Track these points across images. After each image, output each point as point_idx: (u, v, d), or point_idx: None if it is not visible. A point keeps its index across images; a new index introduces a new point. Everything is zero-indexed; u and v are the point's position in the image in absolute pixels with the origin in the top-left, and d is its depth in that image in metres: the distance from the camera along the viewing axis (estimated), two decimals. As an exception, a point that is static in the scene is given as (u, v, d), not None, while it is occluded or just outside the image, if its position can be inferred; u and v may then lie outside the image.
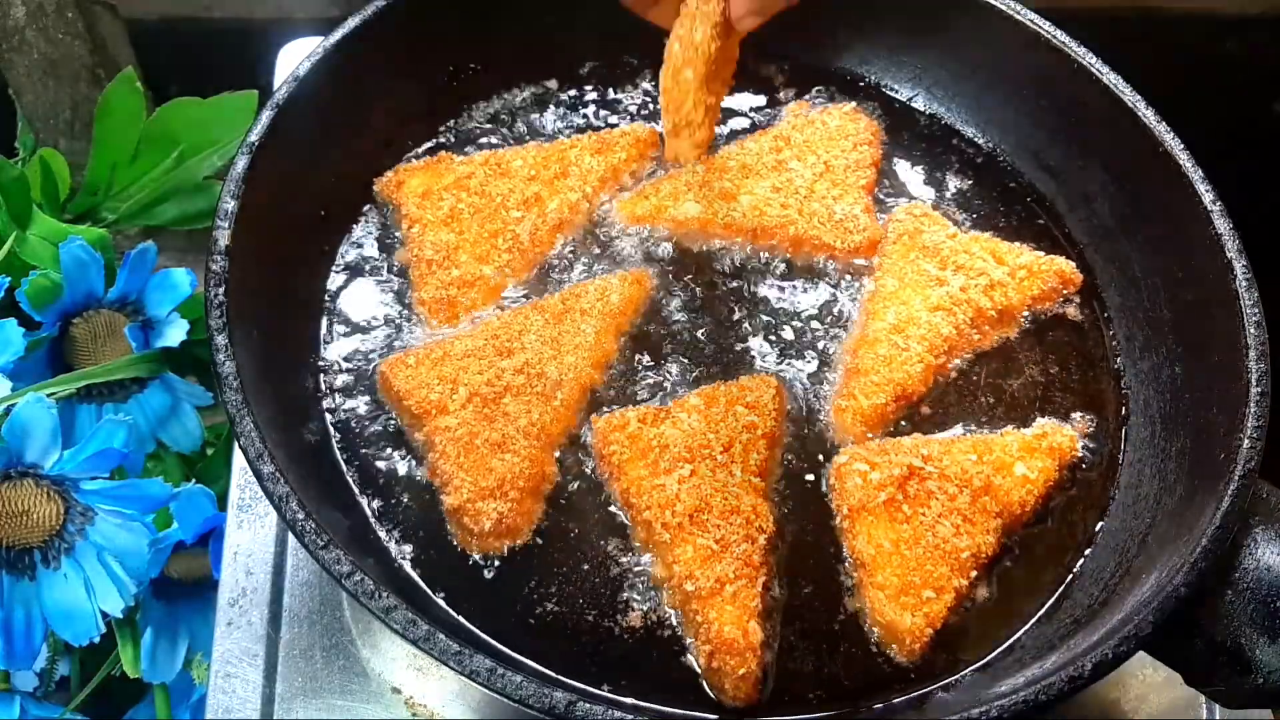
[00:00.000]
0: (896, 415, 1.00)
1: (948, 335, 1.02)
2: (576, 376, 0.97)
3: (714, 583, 0.86)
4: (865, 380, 0.99)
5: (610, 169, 1.10)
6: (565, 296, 1.01)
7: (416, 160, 1.11)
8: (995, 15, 1.13)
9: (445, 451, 0.92)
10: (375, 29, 1.06)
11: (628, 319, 1.02)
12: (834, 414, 0.99)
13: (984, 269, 1.05)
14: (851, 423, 0.98)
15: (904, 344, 1.01)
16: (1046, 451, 0.97)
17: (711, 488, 0.90)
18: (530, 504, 0.91)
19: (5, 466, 1.01)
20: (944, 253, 1.07)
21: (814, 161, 1.11)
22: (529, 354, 0.97)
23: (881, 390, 0.98)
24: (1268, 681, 0.81)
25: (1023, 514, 0.94)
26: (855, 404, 0.98)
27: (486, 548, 0.90)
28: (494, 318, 1.01)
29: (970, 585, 0.90)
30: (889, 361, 1.00)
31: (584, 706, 0.73)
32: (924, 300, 1.04)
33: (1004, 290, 1.05)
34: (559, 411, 0.95)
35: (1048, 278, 1.07)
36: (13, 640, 1.02)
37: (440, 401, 0.94)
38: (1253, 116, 1.97)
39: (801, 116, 1.17)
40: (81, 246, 1.11)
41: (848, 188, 1.11)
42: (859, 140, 1.14)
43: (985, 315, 1.04)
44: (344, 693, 1.00)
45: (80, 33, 1.49)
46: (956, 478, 0.93)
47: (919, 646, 0.87)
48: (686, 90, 0.99)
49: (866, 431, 0.98)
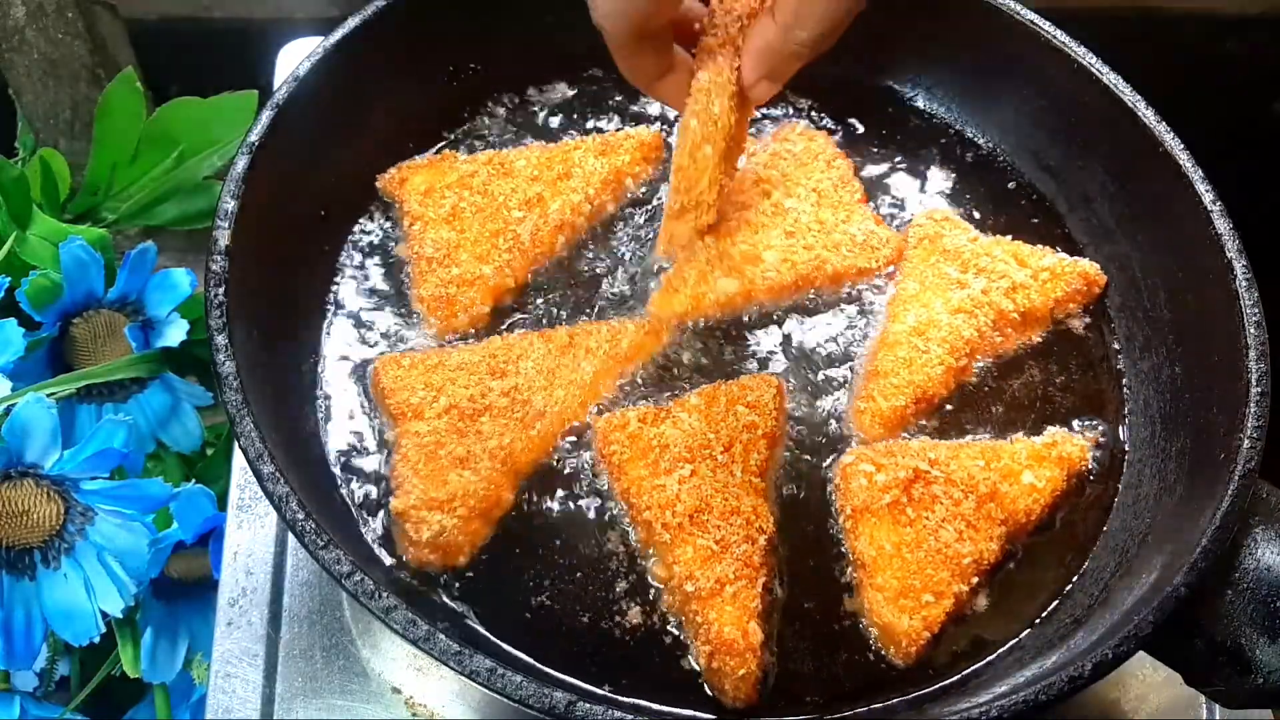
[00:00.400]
0: (916, 417, 0.99)
1: (969, 338, 1.01)
2: (561, 411, 0.95)
3: (714, 583, 0.86)
4: (885, 382, 0.99)
5: (614, 172, 1.10)
6: (574, 331, 1.00)
7: (418, 158, 1.11)
8: (995, 15, 1.13)
9: (407, 455, 0.91)
10: (375, 29, 1.06)
11: (631, 366, 1.00)
12: (853, 415, 0.99)
13: (1006, 271, 1.05)
14: (870, 424, 0.98)
15: (924, 346, 1.00)
16: (1056, 461, 0.96)
17: (712, 488, 0.90)
18: (477, 526, 0.89)
19: (5, 466, 1.01)
20: (965, 256, 1.06)
21: (805, 194, 1.09)
22: (520, 379, 0.96)
23: (901, 393, 0.98)
24: (1268, 681, 0.81)
25: (1028, 522, 0.93)
26: (874, 406, 0.98)
27: (421, 559, 0.88)
28: (499, 337, 1.00)
29: (971, 592, 0.90)
30: (909, 364, 0.99)
31: (584, 706, 0.73)
32: (945, 303, 1.03)
33: (1026, 293, 1.04)
34: (533, 441, 0.93)
35: (1071, 279, 1.06)
36: (13, 640, 1.02)
37: (418, 406, 0.93)
38: (1253, 116, 1.97)
39: (761, 152, 1.13)
40: (81, 246, 1.11)
41: (848, 207, 1.09)
42: (827, 157, 1.13)
43: (1008, 318, 1.03)
44: (344, 693, 1.00)
45: (80, 33, 1.48)
46: (963, 483, 0.93)
47: (915, 650, 0.87)
48: (704, 168, 0.95)
49: (885, 433, 0.97)
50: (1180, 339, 1.00)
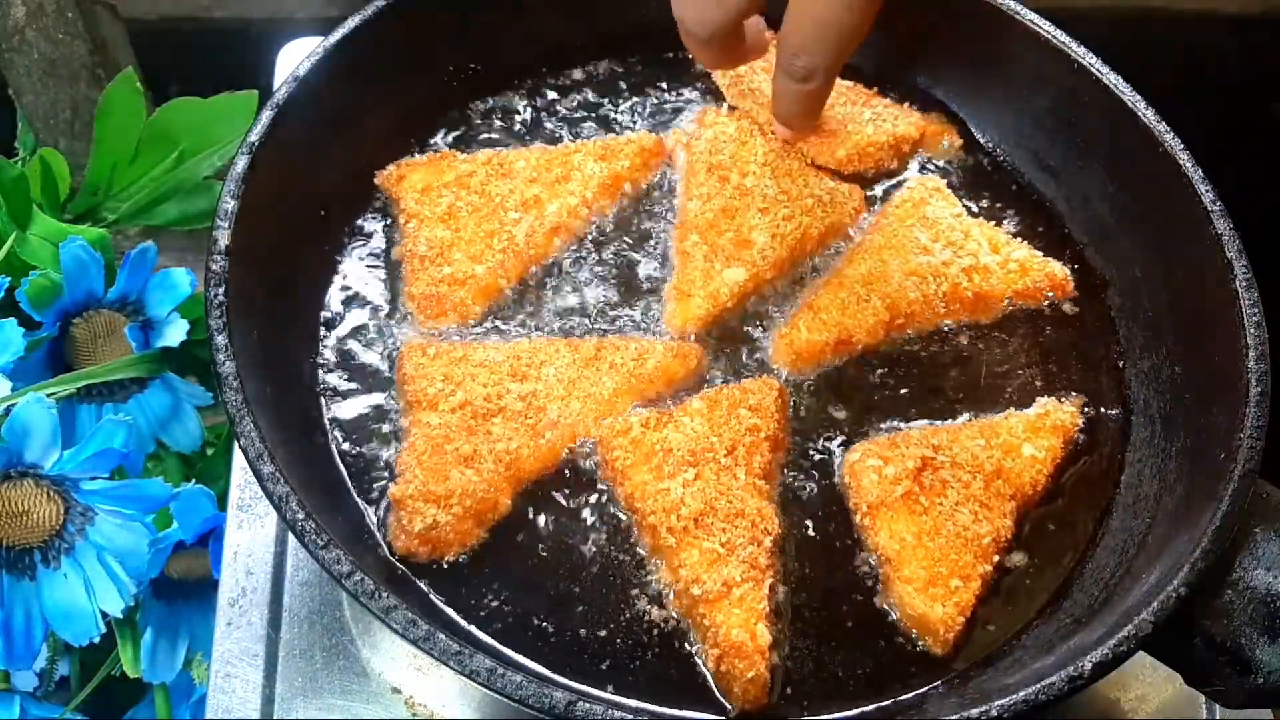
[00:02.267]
0: (832, 359, 1.01)
1: (913, 299, 1.03)
2: (573, 424, 0.94)
3: (720, 586, 0.86)
4: (814, 317, 1.01)
5: (613, 176, 1.09)
6: (602, 344, 0.98)
7: (417, 156, 1.11)
8: (995, 15, 1.13)
9: (414, 444, 0.92)
10: (375, 29, 1.06)
11: (655, 389, 0.98)
12: (774, 340, 1.01)
13: (975, 252, 1.06)
14: (784, 351, 1.00)
15: (866, 295, 1.02)
16: (1051, 430, 0.98)
17: (716, 491, 0.90)
18: (469, 526, 0.89)
19: (5, 466, 1.01)
20: (942, 228, 1.07)
21: (758, 169, 1.10)
22: (540, 385, 0.95)
23: (826, 329, 1.00)
24: (1268, 681, 0.81)
25: (1035, 494, 0.95)
26: (795, 334, 1.00)
27: (409, 549, 0.88)
28: (526, 339, 1.00)
29: (995, 570, 0.90)
30: (843, 307, 1.01)
31: (584, 706, 0.73)
32: (903, 263, 1.04)
33: (986, 277, 1.05)
34: (540, 450, 0.93)
35: (1037, 278, 1.07)
36: (13, 640, 1.02)
37: (434, 398, 0.94)
38: (1253, 116, 1.97)
39: (697, 140, 1.13)
40: (81, 246, 1.11)
41: (800, 172, 1.10)
42: (760, 128, 1.14)
43: (960, 294, 1.04)
44: (344, 693, 1.00)
45: (80, 33, 1.49)
46: (968, 464, 0.93)
47: (952, 636, 0.87)
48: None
49: (796, 364, 0.99)
50: (1180, 339, 1.00)
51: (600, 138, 1.14)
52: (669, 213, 1.10)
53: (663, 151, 1.13)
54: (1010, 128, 1.18)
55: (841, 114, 1.15)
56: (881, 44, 1.19)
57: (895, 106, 1.18)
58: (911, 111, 1.18)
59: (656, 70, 1.20)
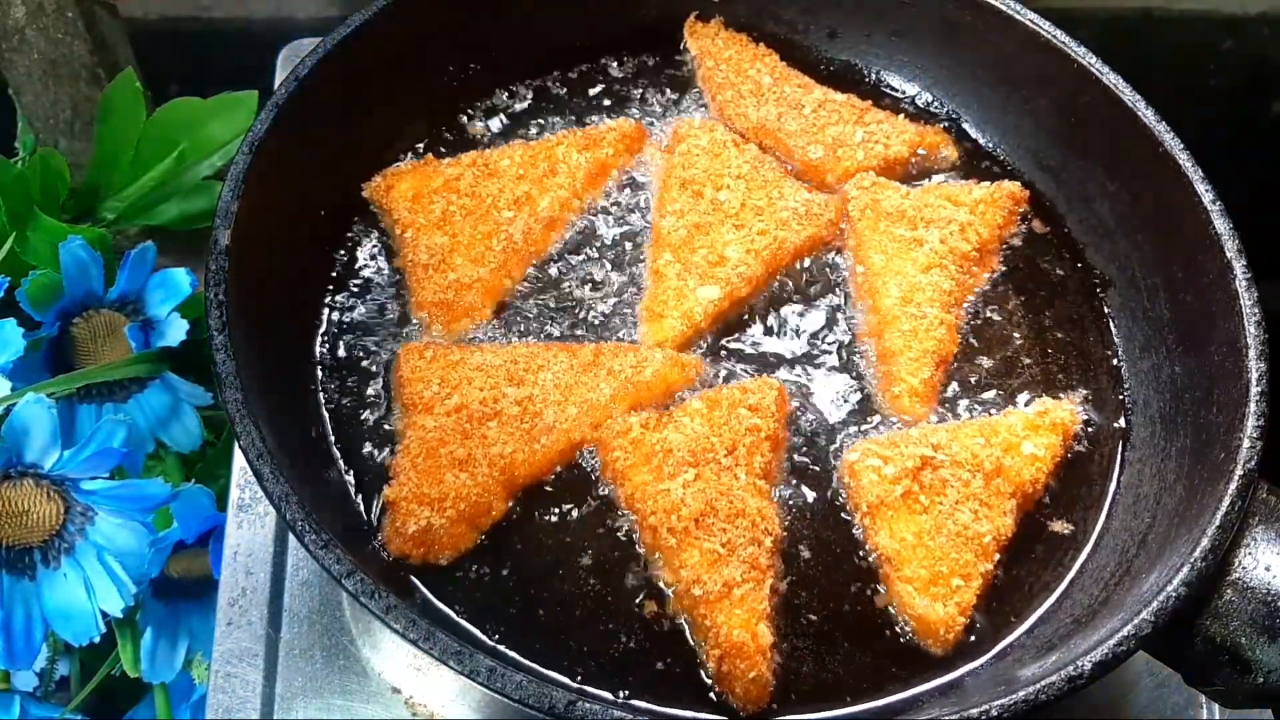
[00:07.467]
0: (944, 382, 1.01)
1: (949, 289, 1.04)
2: (569, 429, 0.94)
3: (721, 586, 0.86)
4: (904, 359, 1.00)
5: (598, 164, 1.10)
6: (600, 350, 0.98)
7: (413, 159, 1.11)
8: (995, 15, 1.13)
9: (409, 447, 0.92)
10: (375, 29, 1.06)
11: (652, 397, 0.97)
12: (889, 401, 0.99)
13: (950, 215, 1.07)
14: (910, 404, 0.99)
15: (919, 312, 1.02)
16: (1050, 428, 0.98)
17: (716, 491, 0.90)
18: (463, 530, 0.89)
19: (5, 466, 1.02)
20: (908, 213, 1.08)
21: (732, 183, 1.09)
22: (536, 390, 0.95)
23: (924, 363, 0.99)
24: (1268, 681, 0.81)
25: (1035, 492, 0.95)
26: (908, 384, 0.99)
27: (402, 550, 0.88)
28: (524, 344, 1.00)
29: (995, 569, 0.90)
30: (915, 334, 1.01)
31: (584, 706, 0.73)
32: (913, 264, 1.05)
33: (974, 228, 1.07)
34: (535, 455, 0.92)
35: (1003, 203, 1.09)
36: (13, 640, 1.02)
37: (430, 401, 0.93)
38: (1253, 116, 1.97)
39: (672, 155, 1.13)
40: (81, 246, 1.11)
41: (775, 184, 1.10)
42: (733, 141, 1.13)
43: (968, 257, 1.06)
44: (344, 693, 1.01)
45: (80, 33, 1.48)
46: (968, 463, 0.93)
47: (953, 636, 0.87)
48: None
49: (926, 409, 0.99)
50: (1180, 339, 1.00)
51: (579, 129, 1.14)
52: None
53: (645, 135, 1.13)
54: (1010, 128, 1.18)
55: (832, 136, 1.14)
56: (881, 45, 1.20)
57: (890, 120, 1.16)
58: (907, 125, 1.16)
59: (651, 69, 1.21)
